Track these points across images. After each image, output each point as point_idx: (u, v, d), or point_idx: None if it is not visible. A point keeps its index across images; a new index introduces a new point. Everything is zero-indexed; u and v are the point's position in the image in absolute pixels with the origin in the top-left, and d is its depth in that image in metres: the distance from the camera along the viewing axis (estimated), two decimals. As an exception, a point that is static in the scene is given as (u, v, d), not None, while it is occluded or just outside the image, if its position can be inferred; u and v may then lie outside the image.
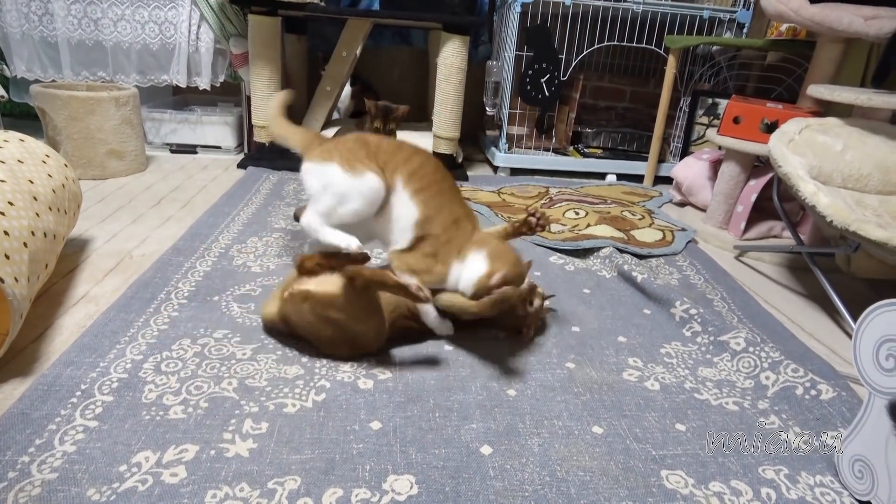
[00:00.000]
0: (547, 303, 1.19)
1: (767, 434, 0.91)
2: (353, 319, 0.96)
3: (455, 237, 1.04)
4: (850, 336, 1.25)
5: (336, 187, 1.04)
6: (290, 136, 1.18)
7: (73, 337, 1.02)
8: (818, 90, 1.51)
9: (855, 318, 0.77)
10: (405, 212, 1.05)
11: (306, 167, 1.09)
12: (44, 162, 1.17)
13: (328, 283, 0.96)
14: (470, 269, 1.00)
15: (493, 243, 1.03)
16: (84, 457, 0.75)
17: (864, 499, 0.77)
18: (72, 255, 1.35)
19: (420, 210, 1.04)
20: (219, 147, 2.37)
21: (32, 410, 0.82)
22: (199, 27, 2.26)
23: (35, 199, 1.05)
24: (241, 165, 2.19)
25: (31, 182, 1.07)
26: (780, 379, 1.02)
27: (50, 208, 1.09)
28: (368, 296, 0.96)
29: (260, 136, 2.18)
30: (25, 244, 0.95)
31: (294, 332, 1.02)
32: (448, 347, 1.07)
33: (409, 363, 1.01)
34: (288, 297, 0.98)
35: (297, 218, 1.64)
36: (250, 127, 2.24)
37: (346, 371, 0.97)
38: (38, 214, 1.03)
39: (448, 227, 1.04)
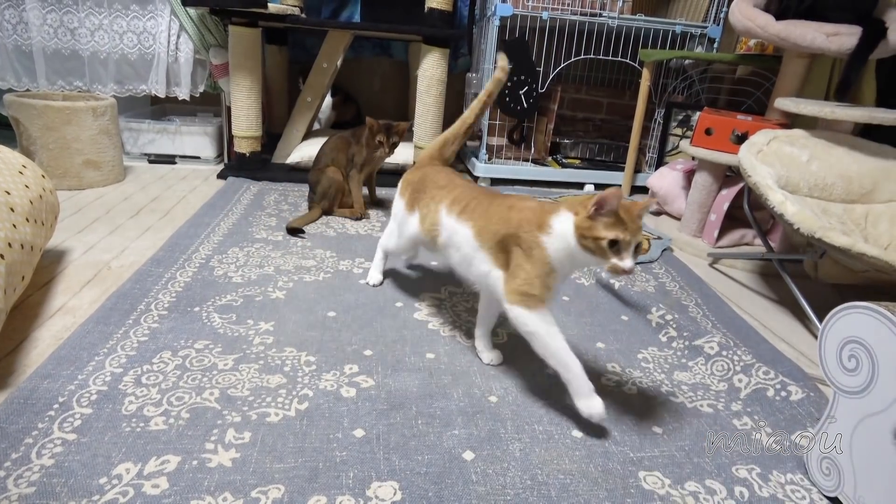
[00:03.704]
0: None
1: (741, 435, 0.94)
2: None
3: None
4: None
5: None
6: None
7: (51, 349, 1.01)
8: (785, 103, 1.57)
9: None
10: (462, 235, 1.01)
11: None
12: (20, 173, 1.16)
13: None
14: (564, 231, 0.87)
15: (560, 204, 0.92)
16: (63, 470, 0.74)
17: (832, 495, 0.80)
18: (48, 266, 1.33)
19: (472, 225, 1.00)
20: (198, 157, 2.36)
21: (8, 424, 0.81)
22: (178, 37, 2.26)
23: (12, 210, 1.04)
24: (222, 176, 2.18)
25: (8, 193, 1.06)
26: (752, 381, 1.05)
27: (27, 219, 1.08)
28: None
29: (240, 147, 2.18)
30: (2, 256, 0.94)
31: None
32: (430, 355, 1.08)
33: (392, 371, 1.02)
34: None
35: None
36: (230, 137, 2.24)
37: (328, 379, 0.98)
38: (14, 226, 1.02)
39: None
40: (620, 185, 0.91)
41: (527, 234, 0.90)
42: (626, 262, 0.82)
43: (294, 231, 1.63)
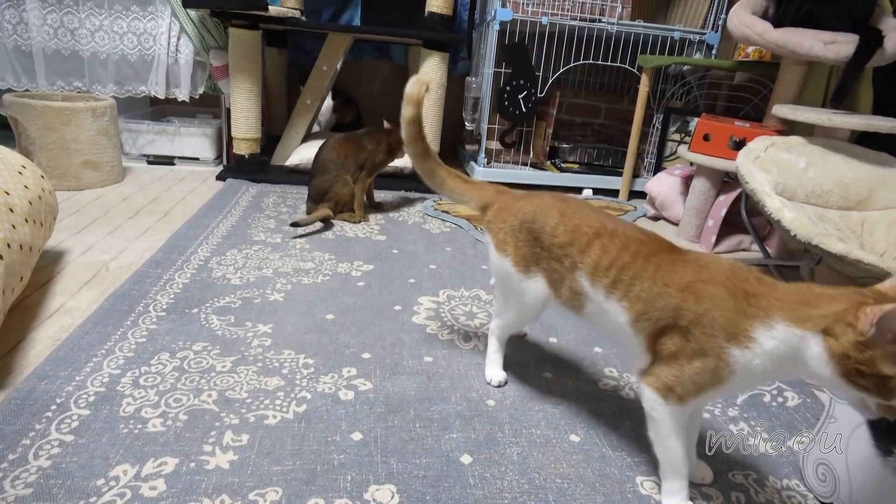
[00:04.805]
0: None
1: (737, 440, 0.94)
2: None
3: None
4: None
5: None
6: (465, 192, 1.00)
7: (48, 350, 1.00)
8: (783, 110, 1.58)
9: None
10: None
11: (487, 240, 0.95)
12: (20, 173, 1.16)
13: None
14: (781, 354, 0.64)
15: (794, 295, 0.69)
16: (60, 471, 0.74)
17: (827, 500, 0.81)
18: (46, 266, 1.33)
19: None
20: (197, 159, 2.36)
21: (5, 425, 0.81)
22: (178, 39, 2.26)
23: (11, 210, 1.04)
24: (220, 177, 2.18)
25: (7, 193, 1.06)
26: (749, 387, 1.06)
27: (26, 220, 1.08)
28: None
29: (240, 148, 2.18)
30: (1, 256, 0.94)
31: None
32: (428, 359, 1.08)
33: (390, 374, 1.02)
34: None
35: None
36: (230, 139, 2.24)
37: (326, 382, 0.98)
38: (14, 226, 1.02)
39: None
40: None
41: (706, 338, 0.66)
42: None
43: (297, 224, 1.67)
